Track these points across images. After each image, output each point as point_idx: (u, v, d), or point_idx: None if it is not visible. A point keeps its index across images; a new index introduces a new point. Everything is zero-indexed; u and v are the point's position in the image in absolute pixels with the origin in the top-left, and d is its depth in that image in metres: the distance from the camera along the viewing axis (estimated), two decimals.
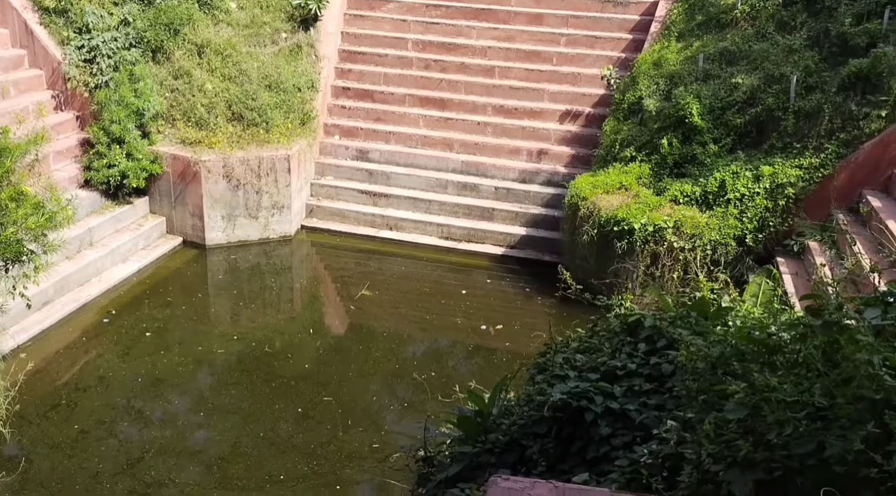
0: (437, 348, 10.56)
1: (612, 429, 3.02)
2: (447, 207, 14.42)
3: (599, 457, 3.00)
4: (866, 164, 10.63)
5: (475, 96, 15.76)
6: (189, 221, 13.40)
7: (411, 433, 8.38)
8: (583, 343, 3.75)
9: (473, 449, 3.30)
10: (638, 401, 3.08)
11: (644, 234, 11.13)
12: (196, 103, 13.57)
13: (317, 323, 10.98)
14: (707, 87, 12.62)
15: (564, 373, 3.39)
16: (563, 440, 3.13)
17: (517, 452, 3.21)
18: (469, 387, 7.64)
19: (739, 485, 2.09)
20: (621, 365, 3.29)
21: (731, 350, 2.61)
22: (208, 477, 7.61)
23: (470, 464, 3.24)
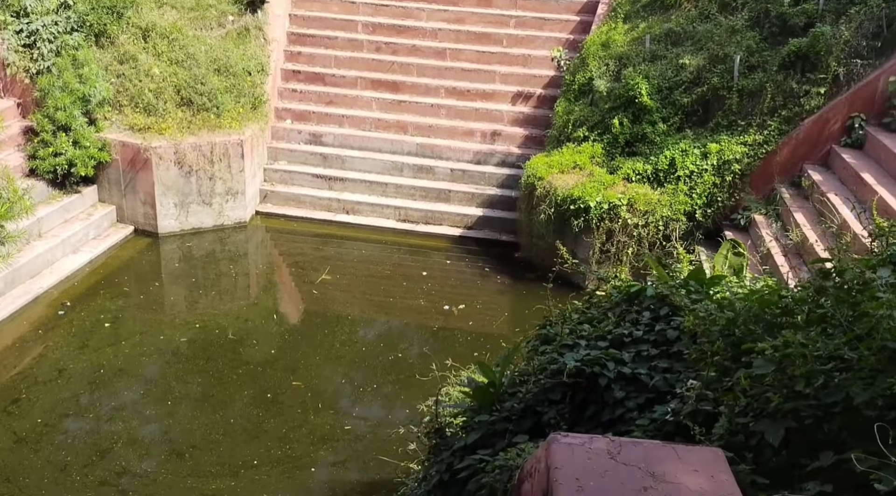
0: (402, 330, 10.67)
1: (625, 393, 3.20)
2: (404, 190, 14.47)
3: (614, 419, 3.17)
4: (807, 140, 11.12)
5: (427, 79, 15.81)
6: (141, 209, 13.13)
7: (382, 414, 8.53)
8: (585, 314, 3.90)
9: (490, 417, 3.42)
10: (647, 366, 3.26)
11: (599, 211, 11.41)
12: (143, 89, 13.26)
13: (279, 308, 10.96)
14: (655, 67, 12.95)
15: (573, 343, 3.54)
16: (576, 405, 3.29)
17: (532, 419, 3.35)
18: (446, 366, 7.81)
19: (772, 433, 2.28)
20: (627, 332, 3.46)
21: (746, 313, 2.80)
22: (180, 465, 7.58)
23: (487, 433, 3.38)
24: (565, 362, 3.30)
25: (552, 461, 2.14)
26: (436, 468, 3.65)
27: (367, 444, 8.05)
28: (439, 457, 3.69)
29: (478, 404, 3.60)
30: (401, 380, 9.21)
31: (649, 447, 2.20)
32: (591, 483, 2.04)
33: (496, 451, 3.26)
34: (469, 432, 3.48)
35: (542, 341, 4.03)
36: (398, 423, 8.34)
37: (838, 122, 10.95)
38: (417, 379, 9.13)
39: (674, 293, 3.56)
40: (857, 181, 9.89)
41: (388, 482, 7.48)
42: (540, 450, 2.42)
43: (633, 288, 3.74)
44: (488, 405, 3.53)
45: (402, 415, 8.53)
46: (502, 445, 3.31)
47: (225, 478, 7.46)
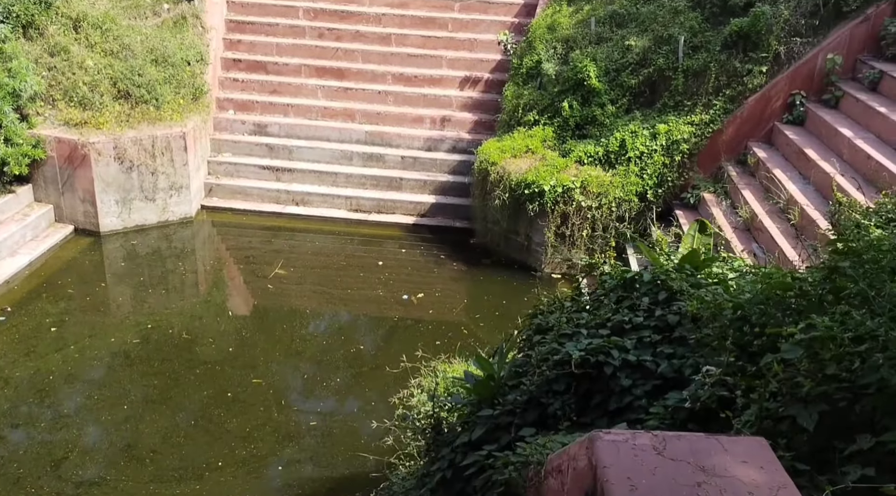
0: (362, 322, 10.52)
1: (631, 381, 3.16)
2: (354, 179, 14.27)
3: (622, 407, 3.14)
4: (750, 118, 11.38)
5: (373, 65, 15.58)
6: (80, 208, 12.60)
7: (348, 408, 8.41)
8: (580, 303, 3.85)
9: (494, 412, 3.35)
10: (650, 352, 3.24)
11: (554, 195, 11.46)
12: (77, 82, 12.69)
13: (234, 305, 10.67)
14: (601, 49, 13.05)
15: (572, 332, 3.49)
16: (581, 395, 3.25)
17: (537, 411, 3.30)
18: (416, 357, 7.72)
19: (805, 417, 2.27)
20: (627, 319, 3.43)
21: (761, 296, 2.78)
22: (141, 471, 7.32)
23: (490, 427, 3.31)
24: (569, 352, 3.25)
25: (599, 460, 2.08)
26: (437, 465, 3.57)
27: (335, 440, 7.92)
28: (439, 453, 3.61)
29: (477, 398, 3.53)
30: (364, 373, 9.09)
31: (693, 440, 2.16)
32: (643, 481, 1.99)
33: (502, 446, 3.20)
34: (472, 427, 3.41)
35: (535, 331, 3.98)
36: (365, 417, 8.23)
37: (780, 99, 11.22)
38: (382, 371, 9.05)
39: (672, 278, 3.55)
40: (800, 157, 10.16)
41: (359, 477, 7.38)
42: (575, 447, 2.36)
43: (628, 273, 3.72)
44: (489, 399, 3.46)
45: (368, 408, 8.42)
46: (507, 439, 3.26)
47: (189, 482, 7.24)
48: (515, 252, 12.42)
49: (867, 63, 10.71)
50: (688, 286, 3.43)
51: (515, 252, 12.42)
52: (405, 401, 7.54)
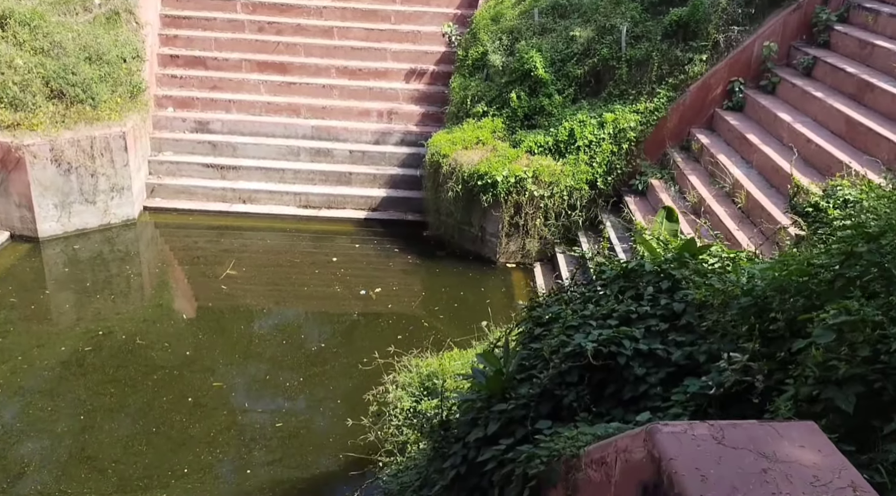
0: (321, 319, 10.41)
1: (645, 369, 3.22)
2: (302, 175, 14.08)
3: (637, 396, 3.19)
4: (693, 105, 11.70)
5: (316, 58, 15.39)
6: (16, 213, 12.08)
7: (313, 407, 8.32)
8: (584, 295, 3.87)
9: (507, 405, 3.36)
10: (658, 341, 3.30)
11: (507, 185, 11.56)
12: (7, 82, 12.12)
13: (187, 308, 10.41)
14: (546, 40, 13.19)
15: (578, 323, 3.52)
16: (594, 385, 3.29)
17: (550, 403, 3.32)
18: (384, 353, 7.69)
19: (843, 399, 2.35)
20: (633, 309, 3.48)
21: (775, 283, 2.86)
22: (104, 482, 7.09)
23: (504, 421, 3.32)
24: (580, 344, 3.29)
25: (664, 452, 2.11)
26: (450, 462, 3.57)
27: (303, 441, 7.83)
28: (450, 450, 3.60)
29: (487, 393, 3.53)
30: (326, 371, 9.01)
31: (748, 428, 2.21)
32: (711, 470, 2.03)
33: (517, 440, 3.22)
34: (486, 422, 3.41)
35: (534, 323, 4.01)
36: (331, 416, 8.17)
37: (720, 86, 11.57)
38: (345, 368, 9.00)
39: (674, 267, 3.62)
40: (742, 142, 10.51)
41: (333, 476, 7.33)
42: (627, 440, 2.39)
43: (630, 264, 3.77)
44: (499, 393, 3.48)
45: (334, 407, 8.35)
46: (523, 433, 3.28)
47: (154, 491, 7.05)
48: (469, 243, 12.49)
49: (801, 49, 11.14)
50: (692, 274, 3.52)
51: (469, 243, 12.49)
52: (379, 397, 7.51)
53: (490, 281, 11.75)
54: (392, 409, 7.08)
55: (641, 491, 2.25)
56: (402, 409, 6.94)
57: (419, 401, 6.93)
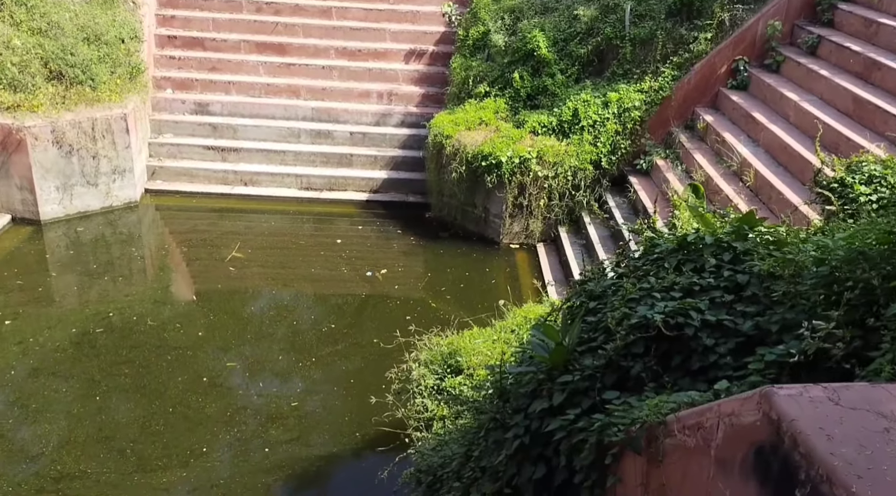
0: (331, 300, 10.40)
1: (713, 340, 3.27)
2: (303, 157, 14.03)
3: (706, 366, 3.25)
4: (697, 84, 11.73)
5: (315, 39, 15.28)
6: (17, 196, 11.98)
7: (327, 386, 8.36)
8: (638, 267, 3.89)
9: (573, 377, 3.40)
10: (724, 312, 3.35)
11: (511, 166, 11.57)
12: (5, 62, 11.96)
13: (197, 289, 10.37)
14: (549, 19, 13.16)
15: (639, 296, 3.56)
16: (659, 356, 3.33)
17: (615, 374, 3.36)
18: (399, 333, 7.72)
19: None
20: (696, 281, 3.51)
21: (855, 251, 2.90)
22: (123, 462, 7.11)
23: (569, 392, 3.36)
24: (646, 316, 3.34)
25: (783, 413, 2.15)
26: (512, 432, 3.61)
27: (319, 419, 7.87)
28: (511, 420, 3.65)
29: (548, 365, 3.57)
30: (339, 351, 9.03)
31: (861, 389, 2.25)
32: (835, 430, 2.07)
33: (584, 410, 3.26)
34: (551, 394, 3.45)
35: (588, 297, 4.04)
36: (346, 395, 8.21)
37: (724, 65, 11.60)
38: (356, 348, 9.04)
39: (733, 238, 3.65)
40: (748, 120, 10.55)
41: (354, 453, 7.38)
42: (735, 403, 2.42)
43: (689, 236, 3.80)
44: (561, 365, 3.51)
45: (349, 386, 8.39)
46: (588, 403, 3.32)
47: (174, 470, 7.08)
48: (472, 224, 12.51)
49: (805, 28, 11.17)
50: (755, 246, 3.55)
51: (472, 224, 12.51)
52: (401, 375, 7.54)
53: (494, 261, 11.79)
54: (415, 387, 7.12)
55: (754, 453, 2.29)
56: (426, 386, 6.99)
57: (443, 378, 6.98)
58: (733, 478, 2.44)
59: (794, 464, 2.14)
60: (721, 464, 2.55)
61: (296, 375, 8.57)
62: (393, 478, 6.07)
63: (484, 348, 7.08)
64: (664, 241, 3.98)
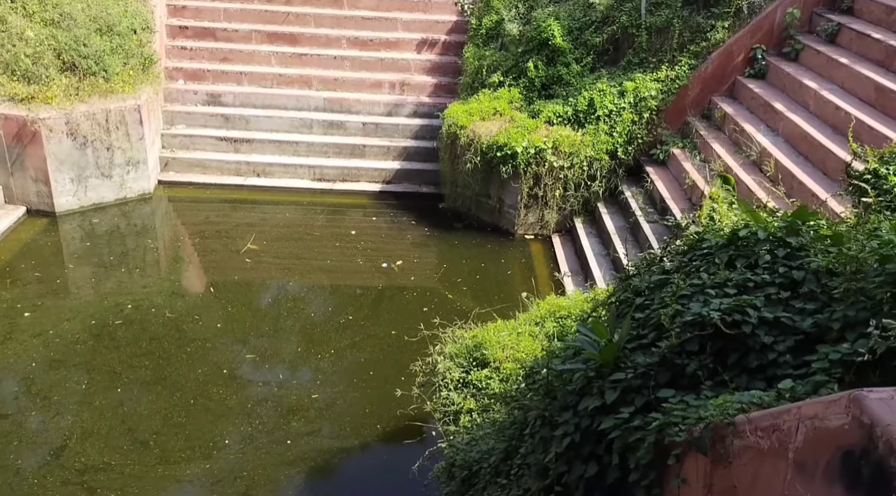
0: (347, 292, 10.38)
1: (772, 337, 3.23)
2: (316, 148, 13.99)
3: (764, 364, 3.20)
4: (714, 73, 11.63)
5: (326, 29, 15.21)
6: (32, 188, 11.98)
7: (346, 379, 8.35)
8: (684, 263, 3.84)
9: (625, 375, 3.36)
10: (780, 309, 3.30)
11: (526, 156, 11.51)
12: (19, 54, 11.94)
13: (213, 281, 10.36)
14: (563, 8, 13.06)
15: (691, 292, 3.51)
16: (715, 354, 3.29)
17: (669, 372, 3.33)
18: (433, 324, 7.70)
19: None
20: (749, 278, 3.46)
21: None
22: (147, 454, 7.13)
23: (621, 390, 3.33)
24: (701, 313, 3.29)
25: (877, 418, 2.12)
26: (562, 430, 3.58)
27: (339, 411, 7.86)
28: (560, 418, 3.62)
29: (597, 362, 3.53)
30: (357, 343, 9.02)
31: None
32: None
33: (638, 409, 3.23)
34: (602, 391, 3.42)
35: (634, 293, 3.99)
36: (366, 388, 8.20)
37: (742, 54, 11.50)
38: (375, 340, 9.03)
39: (786, 234, 3.59)
40: (766, 109, 10.46)
41: (378, 446, 7.38)
42: (819, 406, 2.38)
43: (740, 231, 3.74)
44: (611, 362, 3.48)
45: (368, 378, 8.37)
46: (642, 402, 3.29)
47: (198, 462, 7.10)
48: (487, 215, 12.47)
49: (823, 16, 11.06)
50: (811, 242, 3.50)
51: (487, 215, 12.47)
52: (425, 368, 7.53)
53: (509, 252, 11.76)
54: (441, 380, 7.10)
55: (841, 457, 2.26)
56: (452, 380, 6.97)
57: (468, 371, 6.96)
58: (814, 483, 2.41)
59: (890, 470, 2.11)
60: (800, 467, 2.51)
61: (314, 367, 8.57)
62: (420, 470, 6.07)
63: (509, 341, 7.06)
64: (712, 235, 3.93)
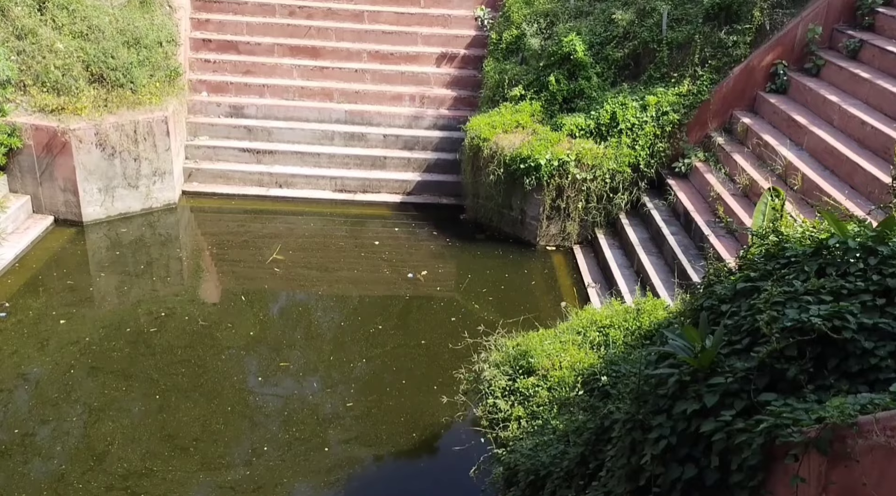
0: (375, 302, 10.47)
1: (872, 343, 3.33)
2: (337, 159, 14.15)
3: (865, 368, 3.31)
4: (735, 87, 11.78)
5: (347, 43, 15.40)
6: (61, 197, 12.12)
7: (380, 387, 8.44)
8: (770, 271, 3.92)
9: (725, 379, 3.45)
10: (877, 315, 3.41)
11: (550, 168, 11.64)
12: (49, 66, 12.13)
13: (244, 289, 10.46)
14: (584, 23, 13.24)
15: (784, 299, 3.61)
16: (813, 359, 3.39)
17: (768, 376, 3.42)
18: (478, 332, 7.77)
19: None
20: (843, 285, 3.56)
21: None
22: (188, 460, 7.21)
23: (722, 393, 3.42)
24: (800, 319, 3.39)
25: None
26: (657, 433, 3.67)
27: (375, 419, 7.95)
28: (654, 421, 3.70)
29: (692, 367, 3.62)
30: (388, 352, 9.12)
31: None
32: None
33: (739, 412, 3.32)
34: (699, 395, 3.50)
35: (718, 300, 4.08)
36: (399, 396, 8.27)
37: (763, 69, 11.66)
38: (405, 350, 9.12)
39: (880, 242, 3.69)
40: (790, 124, 10.60)
41: (417, 453, 7.45)
42: None
43: (830, 240, 3.83)
44: (707, 367, 3.57)
45: (402, 386, 8.46)
46: (742, 405, 3.38)
47: (238, 468, 7.18)
48: (508, 226, 12.59)
49: (844, 32, 11.22)
50: None
51: (508, 226, 12.59)
52: (468, 376, 7.61)
53: (531, 263, 11.87)
54: (487, 387, 7.19)
55: None
56: (498, 387, 7.06)
57: (514, 379, 7.05)
58: None
59: None
60: None
61: (348, 376, 8.65)
62: (465, 475, 6.14)
63: (553, 349, 7.14)
64: (795, 244, 4.02)
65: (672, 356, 3.80)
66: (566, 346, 7.15)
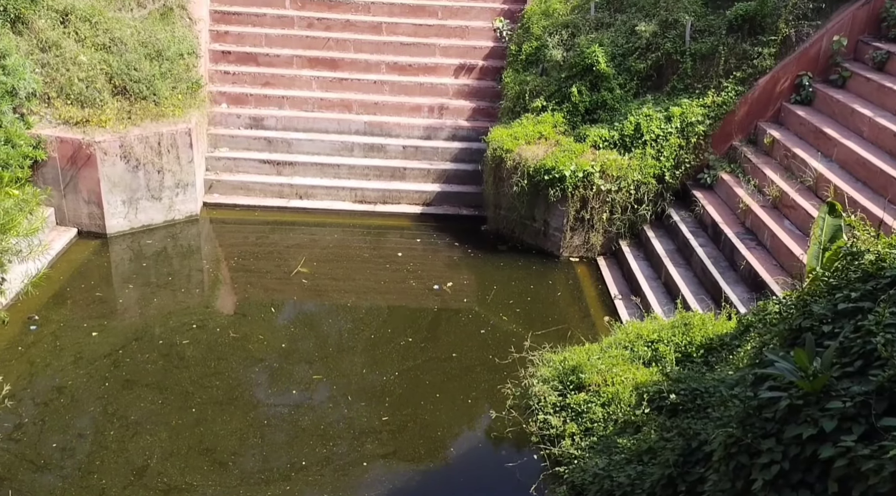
0: (404, 314, 10.42)
1: None
2: (357, 170, 14.15)
3: None
4: (760, 99, 11.79)
5: (366, 54, 15.44)
6: (85, 209, 12.11)
7: (415, 401, 8.39)
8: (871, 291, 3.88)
9: (843, 403, 3.41)
10: None
11: (574, 180, 11.63)
12: (72, 78, 12.15)
13: (273, 301, 10.42)
14: (606, 35, 13.26)
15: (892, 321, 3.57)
16: None
17: (887, 400, 3.36)
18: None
19: None
20: None
21: None
22: (227, 475, 7.16)
23: (840, 418, 3.37)
24: None
25: None
26: (768, 458, 3.61)
27: (412, 433, 7.89)
28: (763, 446, 3.65)
29: (803, 391, 3.58)
30: (419, 365, 9.07)
31: None
32: None
33: (860, 437, 3.27)
34: (815, 419, 3.46)
35: (817, 321, 4.04)
36: (434, 410, 8.22)
37: (788, 80, 11.67)
38: (437, 363, 9.07)
39: None
40: (818, 135, 10.60)
41: (450, 468, 7.38)
42: None
43: None
44: (819, 390, 3.53)
45: (436, 400, 8.41)
46: (861, 430, 3.33)
47: (278, 484, 7.12)
48: (531, 237, 12.56)
49: (870, 44, 11.24)
50: None
51: (531, 237, 12.56)
52: (516, 391, 7.55)
53: (556, 275, 11.84)
54: (536, 403, 7.13)
55: None
56: (549, 403, 7.01)
57: (564, 395, 6.99)
58: None
59: None
60: None
61: (381, 389, 8.60)
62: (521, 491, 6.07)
63: (602, 365, 7.09)
64: (886, 265, 3.99)
65: (772, 378, 3.75)
66: (616, 361, 7.10)
